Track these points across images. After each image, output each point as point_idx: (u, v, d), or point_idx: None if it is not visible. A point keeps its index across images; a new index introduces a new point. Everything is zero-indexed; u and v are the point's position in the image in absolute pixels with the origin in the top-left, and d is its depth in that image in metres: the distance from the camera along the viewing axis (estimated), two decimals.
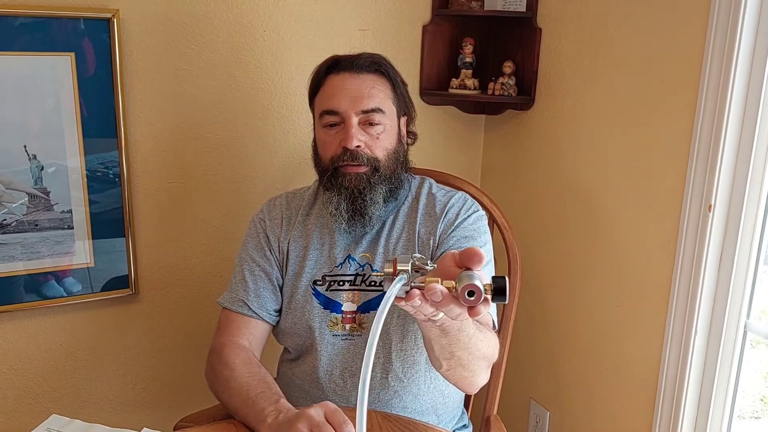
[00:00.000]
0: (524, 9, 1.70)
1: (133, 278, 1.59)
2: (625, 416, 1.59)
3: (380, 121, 1.20)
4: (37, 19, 1.36)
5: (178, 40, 1.52)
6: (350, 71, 1.21)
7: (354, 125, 1.18)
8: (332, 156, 1.21)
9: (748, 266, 1.32)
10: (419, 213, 1.25)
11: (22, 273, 1.47)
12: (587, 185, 1.63)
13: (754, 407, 1.63)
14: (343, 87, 1.20)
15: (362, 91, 1.19)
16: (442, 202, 1.26)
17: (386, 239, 1.24)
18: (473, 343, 0.97)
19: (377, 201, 1.20)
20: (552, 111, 1.72)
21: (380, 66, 1.23)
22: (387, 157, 1.21)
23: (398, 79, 1.26)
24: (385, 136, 1.21)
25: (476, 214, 1.25)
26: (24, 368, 1.55)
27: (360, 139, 1.19)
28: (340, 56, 1.24)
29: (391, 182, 1.22)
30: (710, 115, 1.30)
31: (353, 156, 1.18)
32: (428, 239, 1.23)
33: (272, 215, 1.30)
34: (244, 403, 1.06)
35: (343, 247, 1.25)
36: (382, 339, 1.21)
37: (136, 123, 1.52)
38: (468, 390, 1.13)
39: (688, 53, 1.34)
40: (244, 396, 1.07)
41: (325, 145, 1.22)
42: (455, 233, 1.22)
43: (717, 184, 1.30)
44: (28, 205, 1.44)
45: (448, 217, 1.24)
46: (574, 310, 1.72)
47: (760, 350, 1.51)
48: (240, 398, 1.08)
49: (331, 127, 1.21)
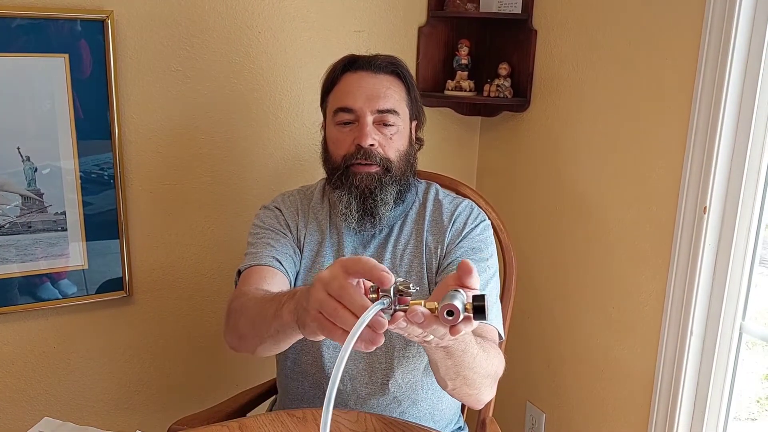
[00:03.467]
0: (520, 11, 1.70)
1: (127, 280, 1.58)
2: (622, 418, 1.59)
3: (394, 122, 1.19)
4: (31, 21, 1.36)
5: (172, 41, 1.52)
6: (367, 70, 1.20)
7: (369, 124, 1.17)
8: (345, 154, 1.19)
9: (743, 268, 1.32)
10: (426, 220, 1.25)
11: (17, 275, 1.46)
12: (583, 187, 1.64)
13: (750, 409, 1.63)
14: (359, 85, 1.18)
15: (378, 91, 1.18)
16: (449, 210, 1.25)
17: (394, 245, 1.24)
18: (478, 362, 0.96)
19: (388, 201, 1.19)
20: (547, 113, 1.72)
21: (397, 68, 1.22)
22: (398, 159, 1.21)
23: (413, 82, 1.25)
24: (398, 138, 1.20)
25: (483, 224, 1.25)
26: (18, 370, 1.54)
27: (374, 138, 1.17)
28: (356, 55, 1.23)
29: (401, 184, 1.21)
30: (705, 117, 1.30)
31: (366, 154, 1.17)
32: (436, 248, 1.22)
33: (287, 206, 1.28)
34: (261, 310, 0.95)
35: (351, 249, 1.24)
36: (385, 345, 1.21)
37: (131, 124, 1.52)
38: (474, 406, 1.13)
39: (682, 55, 1.35)
40: (259, 303, 0.97)
41: (338, 142, 1.21)
42: (463, 244, 1.21)
43: (712, 186, 1.30)
44: (22, 207, 1.44)
45: (455, 227, 1.23)
46: (570, 312, 1.72)
47: (755, 352, 1.51)
48: (256, 307, 0.98)
49: (344, 125, 1.20)
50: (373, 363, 1.21)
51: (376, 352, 1.21)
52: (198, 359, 1.73)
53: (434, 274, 1.22)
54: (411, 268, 1.22)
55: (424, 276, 1.22)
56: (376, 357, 1.22)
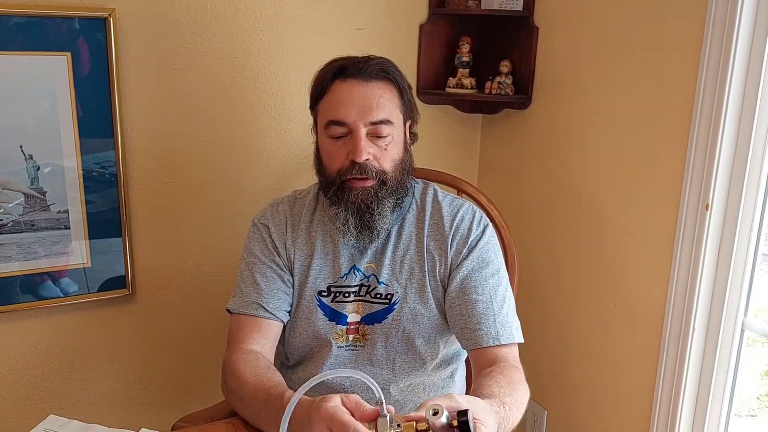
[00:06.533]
0: (521, 8, 1.70)
1: (130, 278, 1.58)
2: (623, 414, 1.59)
3: (388, 132, 1.15)
4: (32, 19, 1.36)
5: (174, 39, 1.52)
6: (358, 78, 1.14)
7: (362, 138, 1.13)
8: (339, 169, 1.16)
9: (745, 264, 1.32)
10: (426, 224, 1.23)
11: (18, 273, 1.46)
12: (585, 184, 1.64)
13: (751, 405, 1.63)
14: (350, 96, 1.14)
15: (371, 101, 1.14)
16: (449, 214, 1.23)
17: (393, 251, 1.22)
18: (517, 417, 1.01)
19: (385, 214, 1.17)
20: (549, 110, 1.72)
21: (388, 73, 1.17)
22: (394, 169, 1.18)
23: (405, 84, 1.21)
24: (392, 147, 1.17)
25: (488, 230, 1.23)
26: (20, 369, 1.55)
27: (369, 152, 1.14)
28: (346, 61, 1.17)
29: (398, 193, 1.19)
30: (707, 113, 1.30)
31: (361, 169, 1.14)
32: (440, 257, 1.21)
33: (276, 221, 1.25)
34: (259, 414, 1.04)
35: (348, 257, 1.22)
36: (386, 351, 1.22)
37: (133, 123, 1.52)
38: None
39: (685, 52, 1.35)
40: (259, 403, 1.04)
41: (331, 156, 1.17)
42: (472, 255, 1.20)
43: (714, 183, 1.30)
44: (25, 206, 1.44)
45: (459, 233, 1.21)
46: (571, 308, 1.72)
47: (756, 348, 1.52)
48: (256, 405, 1.05)
49: (337, 139, 1.16)
50: (375, 370, 1.21)
51: (379, 359, 1.22)
52: (201, 356, 1.73)
53: (438, 282, 1.21)
54: (412, 275, 1.21)
55: (426, 283, 1.20)
56: (378, 363, 1.22)
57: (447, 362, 1.28)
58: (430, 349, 1.22)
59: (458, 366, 1.31)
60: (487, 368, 1.12)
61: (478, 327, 1.15)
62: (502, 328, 1.15)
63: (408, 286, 1.20)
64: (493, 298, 1.17)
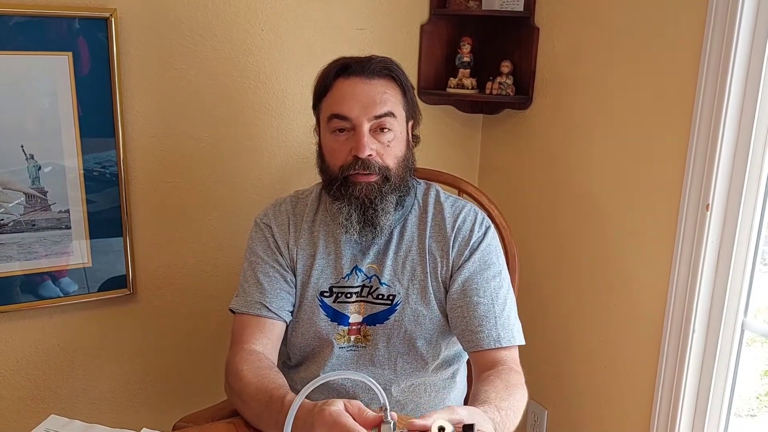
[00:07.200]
0: (522, 8, 1.71)
1: (130, 278, 1.58)
2: (623, 414, 1.60)
3: (391, 126, 1.16)
4: (33, 19, 1.36)
5: (175, 39, 1.52)
6: (361, 76, 1.15)
7: (365, 133, 1.14)
8: (342, 164, 1.16)
9: (745, 265, 1.33)
10: (428, 225, 1.23)
11: (19, 273, 1.46)
12: (585, 184, 1.64)
13: (750, 405, 1.64)
14: (353, 92, 1.15)
15: (373, 97, 1.14)
16: (451, 215, 1.23)
17: (395, 251, 1.22)
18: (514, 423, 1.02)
19: (388, 211, 1.17)
20: (550, 110, 1.72)
21: (391, 71, 1.18)
22: (397, 165, 1.18)
23: (408, 84, 1.22)
24: (395, 144, 1.17)
25: (490, 232, 1.24)
26: (21, 369, 1.55)
27: (372, 148, 1.14)
28: (349, 60, 1.18)
29: (400, 190, 1.20)
30: (708, 114, 1.30)
31: (364, 165, 1.14)
32: (442, 259, 1.21)
33: (279, 221, 1.26)
34: (260, 415, 1.05)
35: (350, 257, 1.22)
36: (388, 353, 1.22)
37: (134, 122, 1.52)
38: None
39: (685, 51, 1.35)
40: (260, 404, 1.05)
41: (334, 152, 1.18)
42: (474, 257, 1.20)
43: (714, 183, 1.31)
44: (25, 205, 1.43)
45: (461, 235, 1.22)
46: (572, 308, 1.72)
47: (755, 348, 1.52)
48: (258, 407, 1.05)
49: (339, 132, 1.16)
50: (376, 370, 1.22)
51: (380, 360, 1.22)
52: (203, 356, 1.73)
53: (439, 283, 1.21)
54: (413, 276, 1.21)
55: (428, 284, 1.21)
56: (379, 364, 1.22)
57: (448, 363, 1.28)
58: (431, 350, 1.22)
59: (459, 366, 1.31)
60: (487, 371, 1.13)
61: (479, 329, 1.15)
62: (503, 331, 1.16)
63: (410, 287, 1.21)
64: (494, 300, 1.18)
